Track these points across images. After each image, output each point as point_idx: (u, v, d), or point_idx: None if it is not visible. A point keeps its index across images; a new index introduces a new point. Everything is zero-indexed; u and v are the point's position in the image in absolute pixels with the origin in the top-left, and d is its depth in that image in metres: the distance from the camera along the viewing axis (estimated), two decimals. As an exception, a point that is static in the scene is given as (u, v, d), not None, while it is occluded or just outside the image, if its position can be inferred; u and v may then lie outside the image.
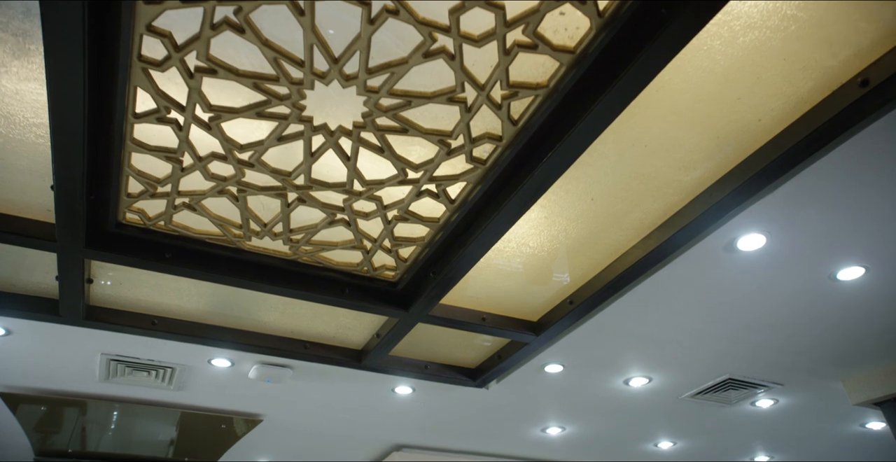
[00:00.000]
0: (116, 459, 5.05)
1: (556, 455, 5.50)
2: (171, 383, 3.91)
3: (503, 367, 3.76)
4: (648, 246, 2.72)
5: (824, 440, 5.06)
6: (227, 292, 3.13)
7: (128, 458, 5.09)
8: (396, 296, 3.08)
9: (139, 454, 5.09)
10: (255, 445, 5.14)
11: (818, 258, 2.79)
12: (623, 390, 4.17)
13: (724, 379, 4.00)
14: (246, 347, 3.49)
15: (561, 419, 4.69)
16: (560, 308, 3.23)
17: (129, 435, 4.78)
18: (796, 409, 4.45)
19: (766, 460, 5.54)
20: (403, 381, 4.03)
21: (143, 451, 5.04)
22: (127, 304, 3.18)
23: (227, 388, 4.09)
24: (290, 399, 4.28)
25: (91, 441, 4.85)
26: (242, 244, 2.77)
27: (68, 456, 4.94)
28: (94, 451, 4.96)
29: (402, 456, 5.15)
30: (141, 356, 3.60)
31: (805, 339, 3.49)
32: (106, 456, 5.00)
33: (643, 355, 3.73)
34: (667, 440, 5.16)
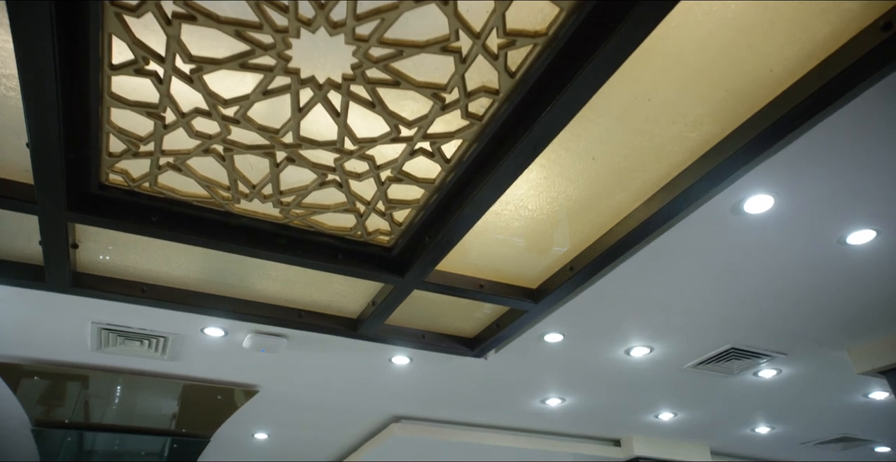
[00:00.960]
0: (113, 430, 5.03)
1: (555, 426, 5.46)
2: (164, 353, 3.85)
3: (502, 337, 3.69)
4: (651, 208, 2.62)
5: (826, 410, 5.01)
6: (217, 258, 3.05)
7: (125, 429, 5.06)
8: (391, 261, 2.99)
9: (136, 425, 5.06)
10: (252, 417, 5.10)
11: (828, 221, 2.69)
12: (624, 360, 4.11)
13: (727, 348, 3.93)
14: (239, 316, 3.42)
15: (561, 390, 4.63)
16: (560, 274, 3.15)
17: (126, 406, 4.74)
18: (799, 379, 4.39)
19: (768, 431, 5.50)
20: (400, 351, 3.96)
21: (139, 422, 5.02)
22: (115, 271, 3.10)
23: (222, 359, 4.04)
24: (285, 369, 4.22)
25: (87, 412, 4.82)
26: (231, 207, 2.68)
27: (66, 426, 4.91)
28: (91, 421, 4.93)
29: (401, 428, 5.11)
30: (133, 325, 3.54)
31: (811, 306, 3.41)
32: (103, 426, 4.98)
33: (645, 324, 3.66)
34: (668, 411, 5.11)
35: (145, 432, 5.16)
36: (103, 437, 5.67)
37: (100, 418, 4.93)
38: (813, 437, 5.66)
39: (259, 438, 5.61)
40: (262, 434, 5.54)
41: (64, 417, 4.85)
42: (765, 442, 5.82)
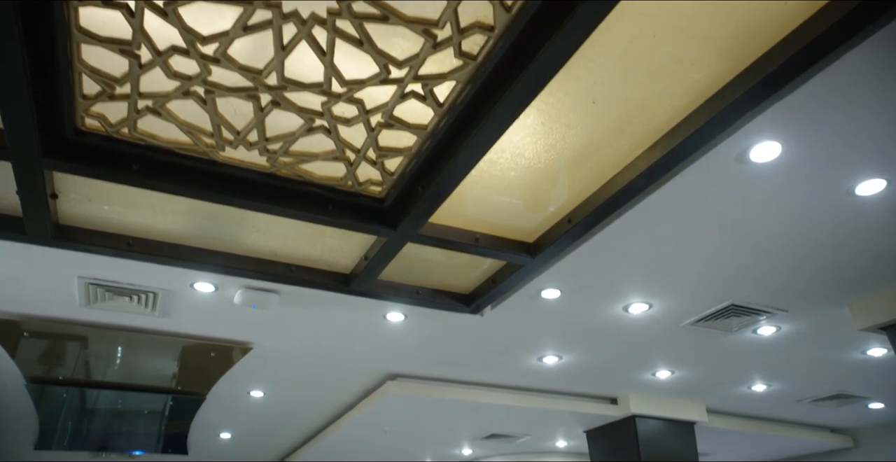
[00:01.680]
0: (107, 387, 5.01)
1: (552, 384, 5.45)
2: (154, 309, 3.79)
3: (498, 292, 3.62)
4: (653, 157, 2.52)
5: (823, 368, 4.99)
6: (204, 210, 2.95)
7: (118, 386, 5.04)
8: (383, 213, 2.89)
9: (129, 382, 5.04)
10: (247, 375, 5.08)
11: (837, 169, 2.59)
12: (622, 317, 4.05)
13: (727, 305, 3.87)
14: (229, 271, 3.35)
15: (558, 348, 4.59)
16: (558, 227, 3.06)
17: (118, 363, 4.70)
18: (798, 337, 4.34)
19: (764, 388, 5.49)
20: (395, 308, 3.90)
21: (132, 379, 4.99)
22: (99, 224, 3.00)
23: (214, 315, 3.97)
24: (278, 326, 4.17)
25: (80, 368, 4.79)
26: (216, 155, 2.57)
27: (60, 383, 4.89)
28: (84, 378, 4.90)
29: (397, 386, 5.09)
30: (121, 280, 3.46)
31: (814, 261, 3.33)
32: (97, 384, 4.95)
33: (644, 280, 3.58)
34: (665, 369, 5.09)
35: (139, 389, 5.14)
36: (105, 397, 5.68)
37: (93, 375, 4.90)
38: (809, 394, 5.65)
39: (255, 396, 5.60)
40: (258, 392, 5.52)
41: (58, 374, 4.83)
42: (761, 399, 5.83)
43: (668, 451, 5.70)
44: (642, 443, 5.62)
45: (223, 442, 7.26)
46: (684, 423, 5.93)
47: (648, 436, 5.69)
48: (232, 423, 6.58)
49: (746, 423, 6.37)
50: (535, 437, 6.72)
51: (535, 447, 7.20)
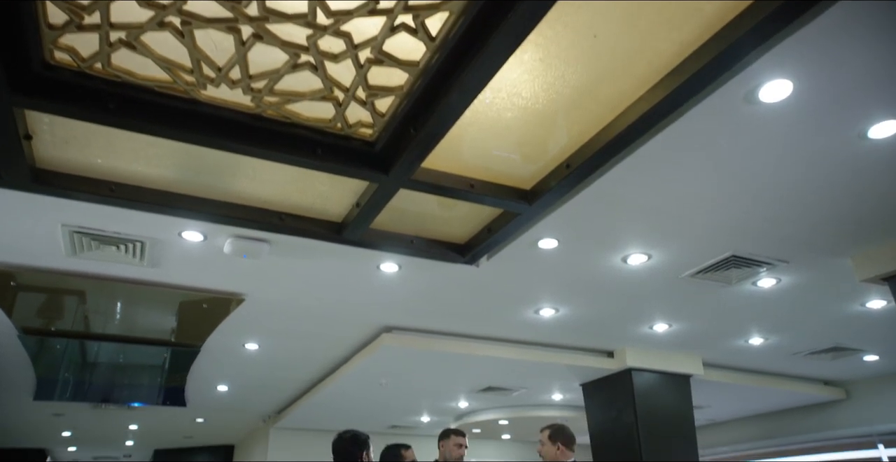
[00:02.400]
0: (98, 338, 4.97)
1: (548, 338, 5.43)
2: (143, 259, 3.71)
3: (494, 242, 3.53)
4: (656, 97, 2.40)
5: (821, 321, 4.95)
6: (188, 154, 2.84)
7: (111, 337, 5.01)
8: (375, 157, 2.78)
9: (122, 334, 5.00)
10: (241, 327, 5.04)
11: (850, 110, 2.47)
12: (620, 269, 3.98)
13: (728, 256, 3.80)
14: (217, 218, 3.25)
15: (554, 300, 4.54)
16: (556, 173, 2.95)
17: (109, 314, 4.65)
18: (798, 289, 4.28)
19: (761, 342, 5.47)
20: (389, 258, 3.82)
21: (124, 330, 4.95)
22: (79, 168, 2.89)
23: (204, 265, 3.90)
24: (271, 277, 4.10)
25: (71, 319, 4.74)
26: (197, 94, 2.44)
27: (52, 334, 4.86)
28: (76, 329, 4.86)
29: (392, 338, 5.06)
30: (106, 228, 3.36)
31: (820, 210, 3.24)
32: (89, 335, 4.92)
33: (643, 229, 3.49)
34: (662, 322, 5.05)
35: (133, 341, 5.11)
36: (100, 349, 5.67)
37: (86, 327, 4.86)
38: (805, 347, 5.65)
39: (250, 349, 5.58)
40: (253, 344, 5.50)
41: (51, 326, 4.78)
42: (757, 353, 5.82)
43: (663, 404, 5.73)
44: (638, 396, 5.64)
45: (220, 394, 7.30)
46: (680, 377, 5.95)
47: (644, 389, 5.70)
48: (228, 376, 6.60)
49: (742, 376, 6.39)
50: (530, 390, 6.76)
51: (530, 400, 7.26)
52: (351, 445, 3.22)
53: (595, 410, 6.09)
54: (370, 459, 3.29)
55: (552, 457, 4.12)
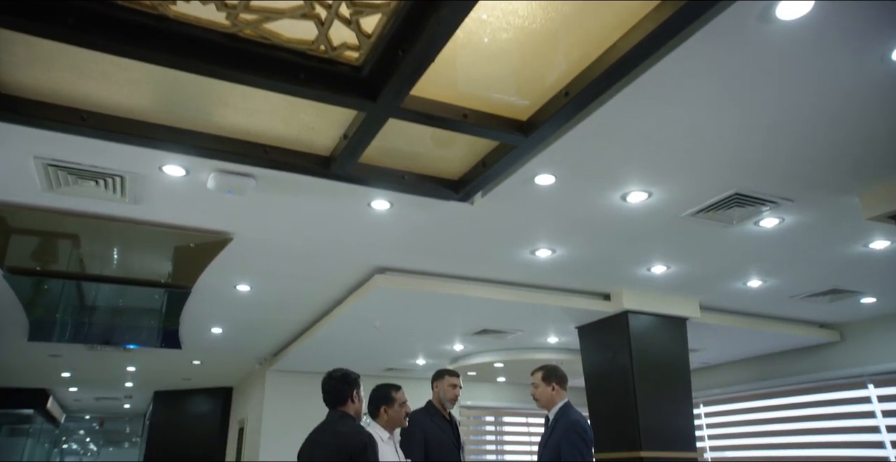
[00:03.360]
0: (86, 278, 4.88)
1: (544, 279, 5.35)
2: (124, 195, 3.57)
3: (488, 177, 3.39)
4: (662, 14, 2.23)
5: (822, 262, 4.86)
6: (164, 80, 2.67)
7: (98, 278, 4.92)
8: (361, 83, 2.62)
9: (109, 274, 4.91)
10: (231, 268, 4.95)
11: (873, 29, 2.29)
12: (619, 207, 3.85)
13: (731, 194, 3.67)
14: (198, 151, 3.10)
15: (551, 240, 4.43)
16: (553, 102, 2.79)
17: (95, 253, 4.54)
18: (800, 229, 4.17)
19: (759, 284, 5.41)
20: (380, 195, 3.68)
21: (111, 270, 4.86)
22: (47, 94, 2.71)
23: (189, 202, 3.76)
24: (258, 215, 3.97)
25: (56, 258, 4.64)
26: (166, 9, 2.26)
27: (38, 274, 4.76)
28: (61, 269, 4.77)
29: (385, 279, 4.97)
30: (82, 161, 3.20)
31: (830, 143, 3.09)
32: (76, 275, 4.83)
33: (644, 165, 3.35)
34: (660, 264, 4.97)
35: (121, 282, 5.02)
36: (91, 290, 5.60)
37: (73, 267, 4.77)
38: (803, 290, 5.58)
39: (242, 290, 5.50)
40: (245, 286, 5.42)
41: (35, 265, 4.68)
42: (755, 296, 5.77)
43: (659, 347, 5.71)
44: (634, 338, 5.61)
45: (215, 337, 7.29)
46: (677, 319, 5.91)
47: (640, 332, 5.67)
48: (222, 318, 6.56)
49: (738, 319, 6.36)
50: (526, 333, 6.74)
51: (526, 343, 7.25)
52: (341, 384, 3.16)
53: (590, 353, 6.08)
54: (360, 398, 3.24)
55: (546, 397, 4.09)
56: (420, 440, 4.39)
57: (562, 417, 3.93)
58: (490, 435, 10.25)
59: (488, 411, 10.11)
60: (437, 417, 4.56)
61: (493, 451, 10.16)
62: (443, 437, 4.47)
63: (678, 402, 5.58)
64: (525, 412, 10.22)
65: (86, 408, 14.70)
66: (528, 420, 10.29)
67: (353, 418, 3.13)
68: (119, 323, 6.73)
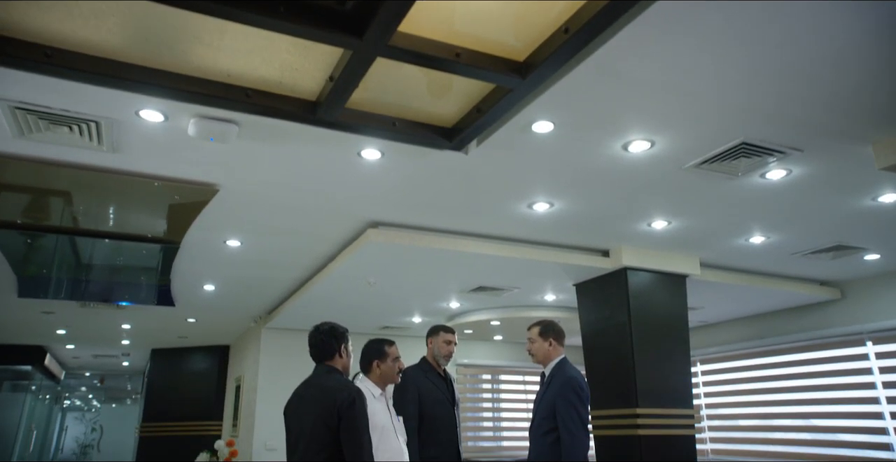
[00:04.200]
0: (67, 232, 4.75)
1: (542, 235, 5.22)
2: (101, 143, 3.40)
3: (483, 124, 3.22)
4: (675, -63, 2.02)
5: (828, 217, 4.72)
6: (132, 13, 2.47)
7: (80, 232, 4.78)
8: (346, 17, 2.43)
9: (93, 228, 4.77)
10: (220, 222, 4.80)
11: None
12: (620, 158, 3.70)
13: (738, 143, 3.50)
14: (176, 94, 2.92)
15: (549, 192, 4.28)
16: (552, 40, 2.61)
17: (76, 205, 4.39)
18: (808, 181, 4.02)
19: (762, 240, 5.28)
20: (370, 143, 3.51)
21: (96, 224, 4.72)
22: (5, 28, 2.52)
23: (171, 151, 3.60)
24: (244, 165, 3.81)
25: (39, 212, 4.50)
26: (128, -70, 2.06)
27: (14, 227, 4.62)
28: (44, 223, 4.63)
29: (378, 234, 4.84)
30: (52, 105, 3.02)
31: (847, 85, 2.91)
32: (56, 228, 4.69)
33: (648, 111, 3.18)
34: (661, 219, 4.83)
35: (106, 236, 4.89)
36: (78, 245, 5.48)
37: (54, 221, 4.62)
38: (807, 246, 5.46)
39: (232, 246, 5.37)
40: (235, 241, 5.29)
41: (15, 218, 4.54)
42: (756, 252, 5.65)
43: (658, 304, 5.62)
44: (632, 296, 5.51)
45: (208, 294, 7.20)
46: (676, 276, 5.81)
47: (639, 289, 5.57)
48: (214, 275, 6.45)
49: (738, 276, 6.26)
50: (523, 290, 6.65)
51: (523, 300, 7.18)
52: (328, 338, 3.06)
53: (588, 310, 6.00)
54: (349, 353, 3.15)
55: (543, 353, 4.01)
56: (414, 396, 4.33)
57: (558, 373, 3.85)
58: (487, 393, 10.28)
59: (485, 369, 10.12)
60: (432, 374, 4.49)
61: (490, 409, 10.21)
62: (437, 394, 4.41)
63: (676, 360, 5.52)
64: (522, 370, 10.24)
65: (85, 365, 14.75)
66: (525, 378, 10.31)
67: (340, 373, 3.04)
68: (110, 280, 6.63)
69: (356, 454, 2.72)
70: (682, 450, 5.25)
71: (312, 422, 2.83)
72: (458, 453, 4.34)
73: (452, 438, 4.34)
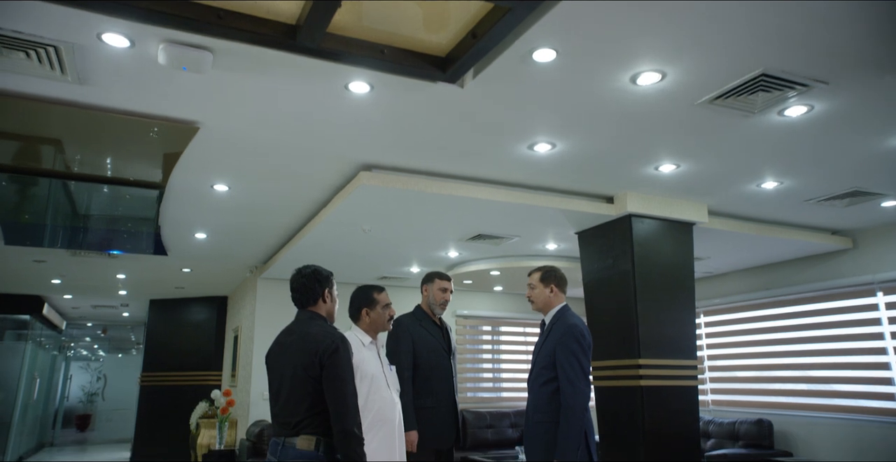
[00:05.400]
0: (44, 174, 4.52)
1: (543, 180, 4.98)
2: (65, 72, 3.13)
3: (480, 51, 2.94)
4: None
5: (846, 159, 4.45)
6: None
7: (59, 174, 4.55)
8: (320, -84, 2.13)
9: (74, 172, 4.54)
10: (204, 165, 4.56)
11: None
12: (629, 91, 3.42)
13: (757, 75, 3.22)
14: (139, 15, 2.64)
15: (550, 132, 4.01)
16: (557, -53, 2.31)
17: (57, 146, 4.14)
18: (830, 118, 3.74)
19: (775, 186, 5.03)
20: (357, 74, 3.23)
21: (76, 165, 4.48)
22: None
23: (143, 84, 3.33)
24: (223, 100, 3.54)
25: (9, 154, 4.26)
26: None
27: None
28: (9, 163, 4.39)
29: (371, 177, 4.59)
30: (2, 25, 2.75)
31: (884, 7, 2.62)
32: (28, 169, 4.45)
33: (661, 35, 2.88)
34: (669, 162, 4.56)
35: (85, 179, 4.66)
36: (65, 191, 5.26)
37: (26, 160, 4.38)
38: (821, 192, 5.21)
39: (219, 190, 5.14)
40: (222, 186, 5.06)
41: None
42: (767, 199, 5.41)
43: (663, 253, 5.41)
44: (637, 243, 5.30)
45: (200, 242, 7.01)
46: (683, 224, 5.58)
47: (643, 237, 5.36)
48: (204, 223, 6.24)
49: (747, 225, 6.04)
50: (523, 239, 6.44)
51: (523, 249, 6.98)
52: (310, 281, 2.86)
53: (590, 259, 5.79)
54: (334, 298, 2.95)
55: (543, 300, 3.82)
56: (408, 345, 4.18)
57: (558, 321, 3.67)
58: (487, 344, 10.21)
59: (485, 321, 10.02)
60: (427, 322, 4.34)
61: (490, 360, 10.15)
62: (432, 342, 4.26)
63: (680, 310, 5.35)
64: (523, 322, 10.13)
65: (86, 315, 14.75)
66: (526, 330, 10.22)
67: (324, 319, 2.85)
68: (98, 227, 6.43)
69: (339, 405, 2.55)
70: (684, 401, 5.13)
71: (293, 371, 2.66)
72: (454, 403, 4.21)
73: (448, 388, 4.20)
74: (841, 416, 6.64)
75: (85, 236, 6.81)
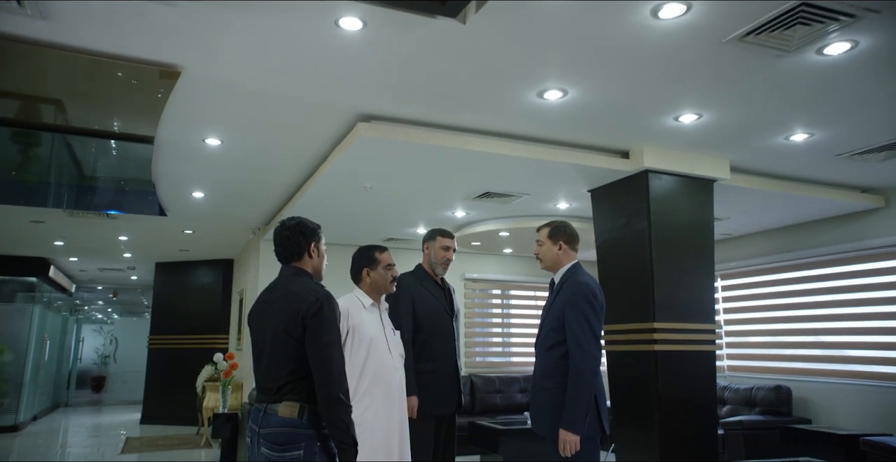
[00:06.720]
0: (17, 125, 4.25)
1: (554, 132, 4.65)
2: (22, 3, 2.82)
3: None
4: None
5: (888, 106, 4.07)
6: None
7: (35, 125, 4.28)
8: None
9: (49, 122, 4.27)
10: (193, 116, 4.27)
11: None
12: (649, 27, 3.07)
13: (796, 4, 2.85)
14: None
15: (562, 77, 3.67)
16: None
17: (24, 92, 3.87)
18: (875, 57, 3.37)
19: (804, 138, 4.67)
20: (348, 8, 2.90)
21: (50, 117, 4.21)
22: None
23: (113, 19, 3.02)
24: (206, 41, 3.22)
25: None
26: None
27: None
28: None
29: (369, 128, 4.28)
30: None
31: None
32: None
33: (688, -44, 2.53)
34: (691, 111, 4.21)
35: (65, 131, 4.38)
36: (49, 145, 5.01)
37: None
38: (857, 144, 4.83)
39: (212, 144, 4.86)
40: (214, 140, 4.77)
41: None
42: (796, 153, 5.05)
43: (681, 212, 5.09)
44: (653, 201, 4.98)
45: (198, 202, 6.77)
46: (703, 181, 5.25)
47: (660, 194, 5.03)
48: (200, 181, 5.99)
49: (771, 182, 5.69)
50: (533, 197, 6.13)
51: (533, 209, 6.67)
52: (295, 234, 2.60)
53: (604, 218, 5.49)
54: (321, 253, 2.69)
55: (552, 258, 3.54)
56: (408, 307, 3.94)
57: (568, 280, 3.39)
58: (496, 308, 9.98)
59: (494, 284, 9.78)
60: (428, 281, 4.08)
61: (500, 324, 9.95)
62: (433, 303, 4.01)
63: (698, 272, 5.05)
64: (533, 285, 9.88)
65: (95, 279, 14.70)
66: (536, 293, 9.97)
67: (309, 276, 2.60)
68: (90, 185, 6.20)
69: (323, 369, 2.31)
70: (700, 366, 4.88)
71: (275, 332, 2.41)
72: (455, 367, 3.98)
73: (450, 351, 3.97)
74: (863, 381, 6.38)
75: (81, 195, 6.60)
